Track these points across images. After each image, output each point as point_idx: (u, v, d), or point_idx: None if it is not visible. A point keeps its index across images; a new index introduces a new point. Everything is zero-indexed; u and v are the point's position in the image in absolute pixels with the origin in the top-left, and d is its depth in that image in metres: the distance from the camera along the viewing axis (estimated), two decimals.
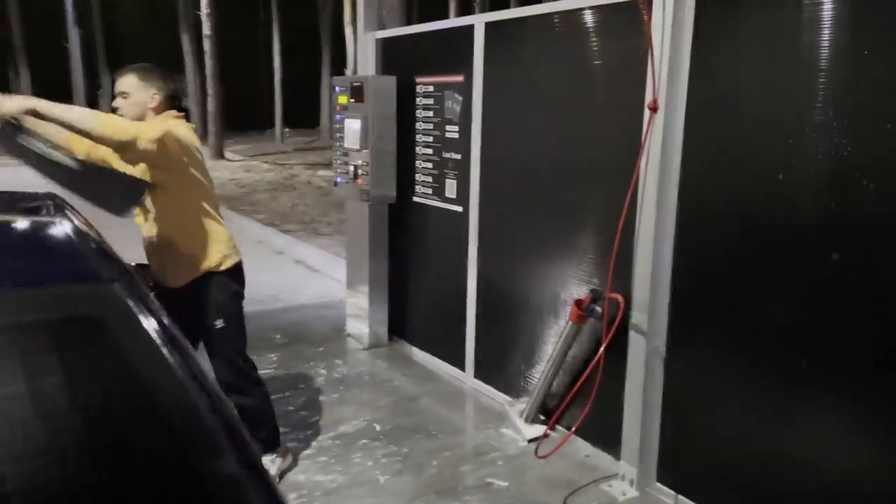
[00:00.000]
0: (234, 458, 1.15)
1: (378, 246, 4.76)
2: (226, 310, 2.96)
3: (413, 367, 4.50)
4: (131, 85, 2.79)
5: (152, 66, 2.91)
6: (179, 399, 1.17)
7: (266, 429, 3.16)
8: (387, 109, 4.49)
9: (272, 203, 11.26)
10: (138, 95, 2.79)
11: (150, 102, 2.81)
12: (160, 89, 2.83)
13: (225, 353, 3.02)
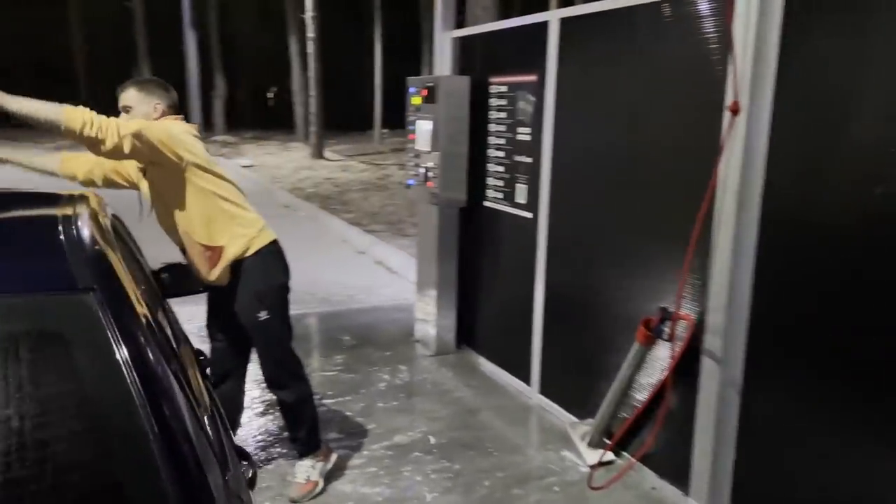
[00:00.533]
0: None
1: (447, 250, 4.63)
2: (268, 300, 2.88)
3: (478, 378, 4.34)
4: (133, 98, 2.75)
5: (152, 78, 2.91)
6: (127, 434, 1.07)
7: (305, 429, 3.08)
8: (459, 110, 4.34)
9: (363, 203, 11.37)
10: (140, 108, 2.75)
11: (154, 114, 2.77)
12: (162, 99, 2.79)
13: (269, 346, 2.95)
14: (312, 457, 3.08)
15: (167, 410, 1.14)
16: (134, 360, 1.15)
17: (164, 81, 2.88)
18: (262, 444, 3.45)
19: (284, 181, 13.77)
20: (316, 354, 4.64)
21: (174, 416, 1.14)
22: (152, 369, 1.18)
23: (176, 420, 1.15)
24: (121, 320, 1.23)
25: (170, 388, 1.18)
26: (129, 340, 1.19)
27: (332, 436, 3.50)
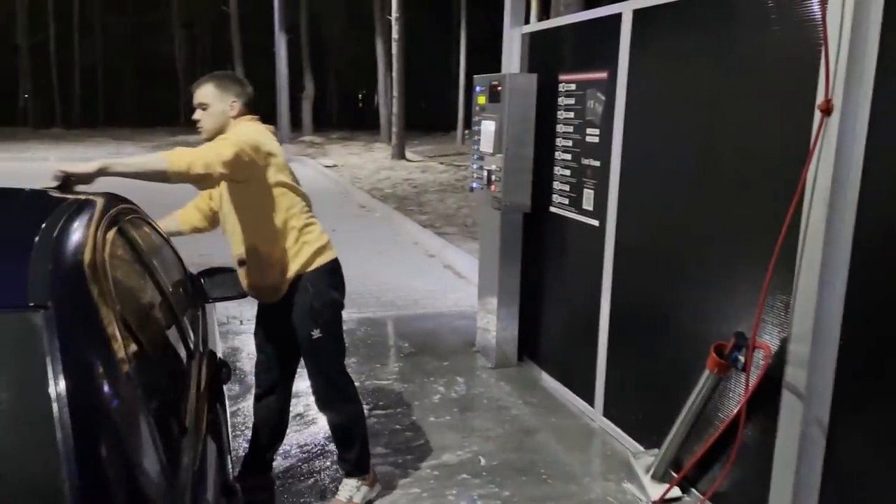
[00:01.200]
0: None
1: (510, 258, 4.40)
2: (322, 318, 2.75)
3: (538, 395, 4.08)
4: (209, 95, 2.67)
5: (227, 73, 2.81)
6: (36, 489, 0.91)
7: (355, 451, 2.93)
8: (525, 110, 4.11)
9: (439, 204, 11.25)
10: (217, 105, 2.66)
11: (230, 111, 2.68)
12: (238, 96, 2.69)
13: (321, 365, 2.83)
14: (359, 478, 2.94)
15: (104, 455, 0.98)
16: (71, 394, 1.00)
17: (239, 76, 2.80)
18: (306, 456, 3.33)
19: (364, 181, 13.84)
20: (372, 361, 4.50)
21: (111, 464, 0.99)
22: (94, 404, 1.02)
23: (114, 467, 0.99)
24: (71, 344, 1.09)
25: (113, 430, 1.03)
26: (74, 368, 1.04)
27: (378, 450, 3.34)
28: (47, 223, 1.45)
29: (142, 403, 1.18)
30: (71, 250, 1.35)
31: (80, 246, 1.39)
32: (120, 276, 1.54)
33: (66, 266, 1.28)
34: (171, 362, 1.66)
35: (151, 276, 1.84)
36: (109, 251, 1.51)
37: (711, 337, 2.83)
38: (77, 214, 1.56)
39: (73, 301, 1.19)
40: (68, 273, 1.26)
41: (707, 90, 2.91)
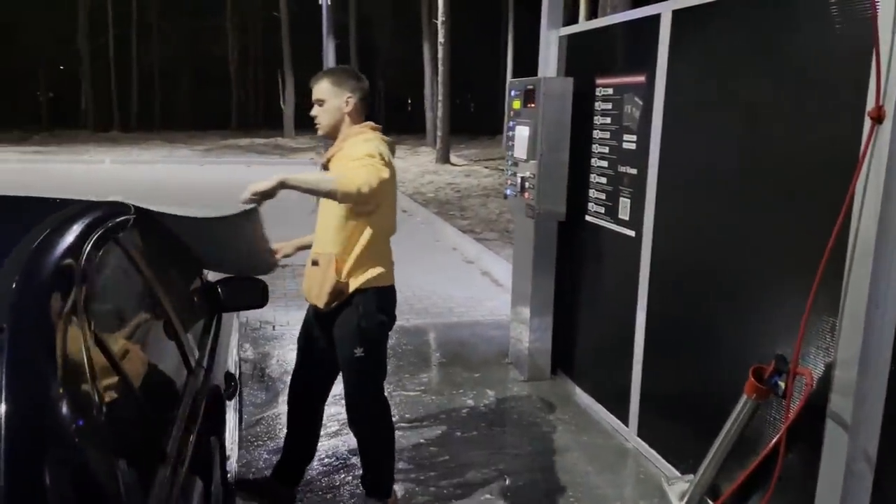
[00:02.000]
0: None
1: (543, 267, 4.26)
2: (368, 336, 2.68)
3: (571, 411, 3.93)
4: (326, 91, 2.66)
5: (344, 67, 2.79)
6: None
7: (380, 474, 2.87)
8: (560, 115, 3.96)
9: (481, 209, 11.14)
10: (333, 101, 2.66)
11: (346, 107, 2.67)
12: (353, 91, 2.67)
13: (358, 385, 2.76)
14: (381, 501, 2.86)
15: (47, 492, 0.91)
16: (11, 424, 0.93)
17: (355, 70, 2.78)
18: (328, 469, 3.25)
19: (407, 185, 13.81)
20: (402, 371, 4.42)
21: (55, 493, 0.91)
22: (39, 435, 0.95)
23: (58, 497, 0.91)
24: (23, 370, 1.02)
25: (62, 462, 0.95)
26: (21, 397, 0.97)
27: (401, 465, 3.24)
28: (28, 237, 1.39)
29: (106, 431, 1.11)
30: (44, 266, 1.29)
31: (56, 262, 1.33)
32: (103, 292, 1.48)
33: (33, 284, 1.22)
34: (158, 383, 1.59)
35: (149, 291, 1.77)
36: (93, 266, 1.44)
37: (751, 358, 2.65)
38: (64, 227, 1.51)
39: (33, 323, 1.13)
40: (34, 292, 1.20)
41: (750, 95, 2.73)
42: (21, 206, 1.89)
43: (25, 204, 1.90)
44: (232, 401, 2.24)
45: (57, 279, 1.30)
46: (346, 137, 2.65)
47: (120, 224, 1.80)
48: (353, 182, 2.32)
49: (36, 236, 1.42)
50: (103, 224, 1.69)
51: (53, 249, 1.37)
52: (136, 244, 1.85)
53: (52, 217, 1.61)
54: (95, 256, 1.49)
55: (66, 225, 1.54)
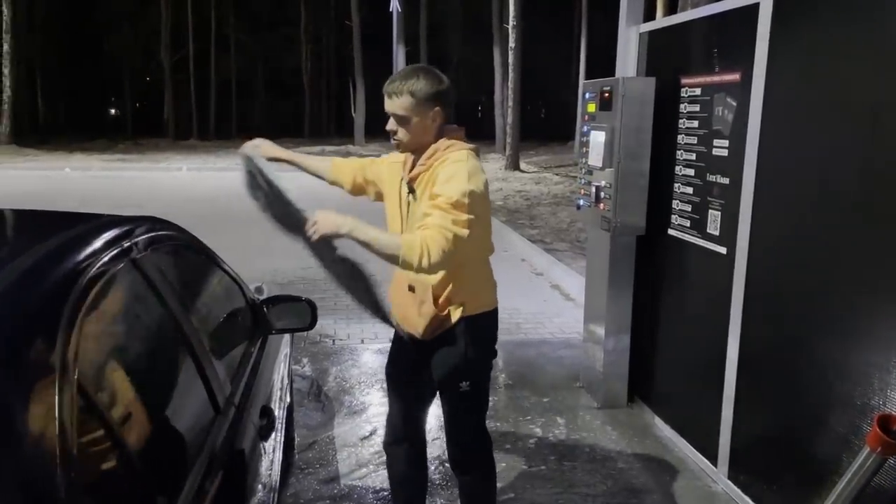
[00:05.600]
0: None
1: (620, 284, 3.89)
2: (475, 366, 2.39)
3: (651, 445, 3.55)
4: (408, 107, 2.18)
5: (425, 70, 2.23)
6: None
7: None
8: (640, 119, 3.61)
9: (551, 218, 10.76)
10: (419, 121, 2.20)
11: (433, 123, 2.23)
12: (440, 101, 2.21)
13: (463, 421, 2.47)
14: None
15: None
16: None
17: (436, 72, 2.26)
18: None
19: None
20: None
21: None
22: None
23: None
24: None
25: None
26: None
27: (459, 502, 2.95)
28: (23, 259, 1.19)
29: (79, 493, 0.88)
30: (29, 296, 1.07)
31: (47, 291, 1.11)
32: (104, 328, 1.26)
33: (10, 316, 1.00)
34: (168, 435, 1.36)
35: (170, 321, 1.55)
36: (94, 296, 1.22)
37: (870, 402, 2.24)
38: (64, 250, 1.29)
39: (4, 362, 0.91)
40: (10, 325, 0.98)
41: (869, 94, 2.33)
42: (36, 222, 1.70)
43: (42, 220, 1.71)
44: (268, 440, 2.01)
45: (37, 320, 1.07)
46: (434, 152, 2.24)
47: (140, 244, 1.59)
48: (418, 254, 2.01)
49: (26, 261, 1.21)
50: (118, 244, 1.47)
51: (51, 275, 1.16)
52: (159, 266, 1.63)
53: (61, 236, 1.41)
54: (98, 284, 1.27)
55: (68, 248, 1.33)
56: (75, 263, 1.26)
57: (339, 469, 3.26)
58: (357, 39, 28.20)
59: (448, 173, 2.14)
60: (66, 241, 1.38)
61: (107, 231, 1.50)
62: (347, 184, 2.59)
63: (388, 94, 2.20)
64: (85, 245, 1.36)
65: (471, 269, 2.31)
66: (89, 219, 1.67)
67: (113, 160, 20.81)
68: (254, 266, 2.72)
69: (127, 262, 1.45)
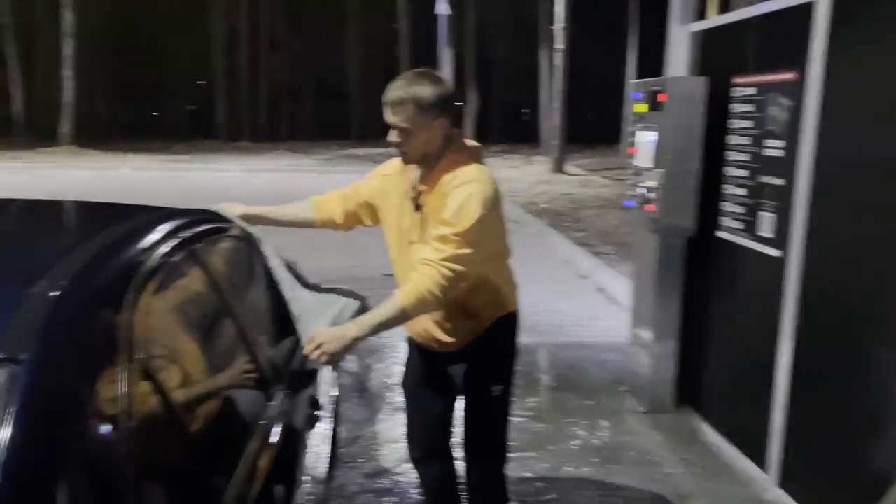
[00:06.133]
0: None
1: (668, 287, 3.84)
2: (505, 370, 2.35)
3: (697, 451, 3.49)
4: (410, 118, 2.06)
5: (425, 77, 2.10)
6: None
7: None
8: (690, 119, 3.56)
9: (597, 221, 10.65)
10: (422, 131, 2.08)
11: (439, 132, 2.12)
12: (441, 108, 2.08)
13: (491, 424, 2.39)
14: None
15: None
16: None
17: (435, 75, 2.14)
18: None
19: (519, 195, 13.51)
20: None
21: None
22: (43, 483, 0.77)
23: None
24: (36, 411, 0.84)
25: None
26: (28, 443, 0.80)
27: None
28: (82, 249, 1.24)
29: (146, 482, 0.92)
30: (90, 288, 1.12)
31: (107, 278, 1.16)
32: (165, 313, 1.30)
33: (71, 310, 1.04)
34: (221, 420, 1.40)
35: (224, 310, 1.59)
36: (156, 282, 1.27)
37: None
38: (130, 236, 1.35)
39: (61, 356, 0.95)
40: (70, 319, 1.02)
41: None
42: (104, 213, 1.77)
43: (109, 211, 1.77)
44: (316, 429, 2.04)
45: (104, 299, 1.12)
46: (439, 161, 2.14)
47: (198, 235, 1.64)
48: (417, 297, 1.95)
49: (92, 247, 1.27)
50: (177, 235, 1.52)
51: (106, 263, 1.21)
52: (214, 257, 1.68)
53: (119, 227, 1.46)
54: (159, 272, 1.31)
55: (132, 234, 1.39)
56: (137, 252, 1.31)
57: (383, 464, 3.29)
58: (404, 42, 28.42)
59: (459, 200, 2.04)
60: (130, 230, 1.44)
61: (167, 222, 1.55)
62: (339, 217, 2.41)
63: (389, 104, 2.07)
64: (146, 235, 1.41)
65: (491, 277, 2.23)
66: (151, 211, 1.73)
67: (167, 161, 21.39)
68: (304, 263, 2.75)
69: (185, 252, 1.49)
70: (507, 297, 2.32)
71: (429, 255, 2.02)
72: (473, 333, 2.26)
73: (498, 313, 2.29)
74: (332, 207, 2.41)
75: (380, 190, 2.35)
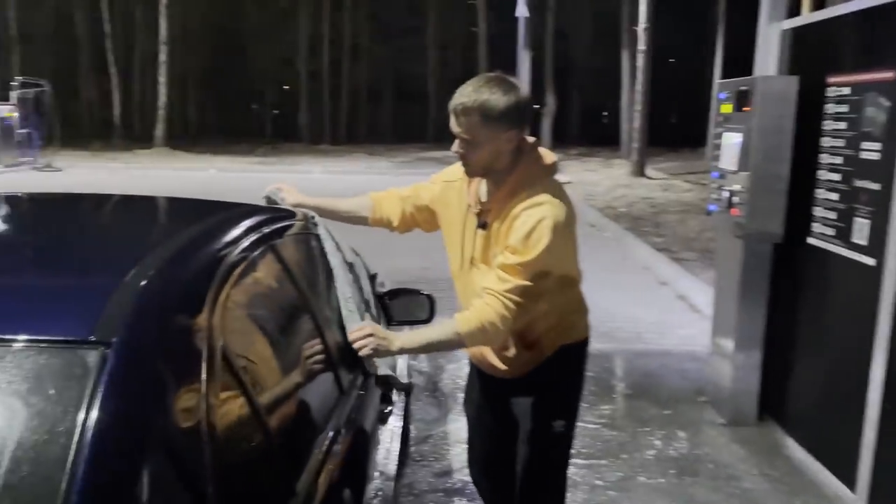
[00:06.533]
0: None
1: (752, 295, 3.69)
2: (569, 403, 2.17)
3: (780, 466, 3.34)
4: (477, 129, 1.86)
5: (500, 80, 1.88)
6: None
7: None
8: (780, 120, 3.41)
9: (678, 226, 10.37)
10: (488, 144, 1.88)
11: (508, 145, 1.90)
12: (515, 118, 1.86)
13: (553, 463, 2.19)
14: None
15: None
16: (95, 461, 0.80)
17: (509, 81, 1.91)
18: None
19: (597, 199, 13.30)
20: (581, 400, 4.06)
21: None
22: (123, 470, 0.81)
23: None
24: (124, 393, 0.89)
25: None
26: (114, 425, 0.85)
27: None
28: (174, 240, 1.30)
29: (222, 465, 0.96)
30: (176, 279, 1.17)
31: (192, 275, 1.21)
32: (246, 304, 1.35)
33: (158, 298, 1.09)
34: (297, 411, 1.44)
35: (302, 304, 1.63)
36: (239, 274, 1.31)
37: None
38: (215, 229, 1.41)
39: (149, 341, 1.00)
40: (158, 307, 1.07)
41: None
42: (192, 208, 1.85)
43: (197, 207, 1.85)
44: (386, 423, 2.07)
45: (189, 290, 1.17)
46: (507, 176, 1.94)
47: (279, 230, 1.69)
48: (478, 324, 1.81)
49: (179, 239, 1.33)
50: (259, 229, 1.58)
51: (193, 256, 1.27)
52: (293, 253, 1.73)
53: (207, 220, 1.53)
54: (243, 263, 1.36)
55: (218, 227, 1.45)
56: (221, 246, 1.36)
57: (452, 464, 3.30)
58: (483, 45, 28.48)
59: (528, 225, 1.84)
60: (215, 225, 1.50)
61: (249, 218, 1.61)
62: (396, 218, 2.24)
63: (454, 111, 1.88)
64: (230, 230, 1.46)
65: (559, 302, 2.04)
66: (235, 207, 1.79)
67: (253, 162, 22.15)
68: (376, 263, 2.79)
69: (266, 246, 1.54)
70: (575, 324, 2.13)
71: (492, 285, 1.85)
72: (533, 363, 2.07)
73: (562, 341, 2.08)
74: (389, 208, 2.24)
75: (441, 198, 2.16)
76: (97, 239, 1.49)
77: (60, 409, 0.87)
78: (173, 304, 1.11)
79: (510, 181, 1.93)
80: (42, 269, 1.23)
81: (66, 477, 0.80)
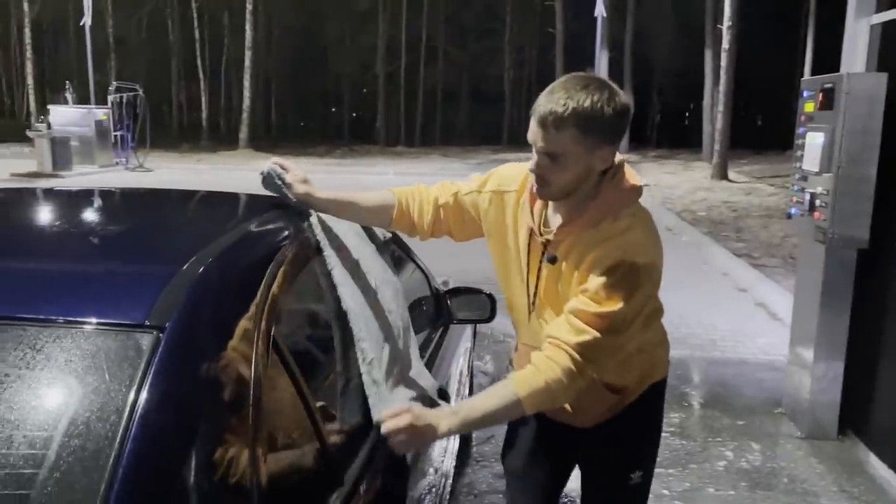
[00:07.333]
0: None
1: (835, 303, 3.50)
2: (648, 451, 1.89)
3: (861, 483, 3.16)
4: (569, 143, 1.47)
5: (601, 84, 1.47)
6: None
7: None
8: (867, 119, 3.24)
9: (761, 231, 9.95)
10: (579, 162, 1.50)
11: (601, 165, 1.53)
12: (615, 126, 1.49)
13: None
14: None
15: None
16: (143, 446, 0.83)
17: (609, 85, 1.50)
18: None
19: (675, 202, 12.93)
20: None
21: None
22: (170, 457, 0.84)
23: None
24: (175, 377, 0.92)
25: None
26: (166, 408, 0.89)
27: None
28: (232, 233, 1.34)
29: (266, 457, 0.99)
30: (231, 270, 1.20)
31: (246, 267, 1.24)
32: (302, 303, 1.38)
33: (215, 286, 1.13)
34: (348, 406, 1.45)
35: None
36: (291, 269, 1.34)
37: None
38: (266, 225, 1.44)
39: (200, 328, 1.03)
40: (210, 296, 1.11)
41: None
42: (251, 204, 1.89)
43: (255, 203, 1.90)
44: None
45: (242, 280, 1.21)
46: (588, 201, 1.56)
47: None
48: (546, 382, 1.48)
49: (236, 233, 1.37)
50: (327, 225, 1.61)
51: (246, 248, 1.31)
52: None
53: (270, 213, 1.57)
54: (294, 259, 1.39)
55: (272, 224, 1.48)
56: (276, 241, 1.40)
57: None
58: (560, 46, 28.19)
59: (608, 266, 1.51)
60: (270, 220, 1.53)
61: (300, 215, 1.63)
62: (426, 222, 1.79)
63: (544, 122, 1.47)
64: (285, 227, 1.49)
65: (646, 339, 1.74)
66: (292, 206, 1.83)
67: (331, 164, 22.67)
68: (442, 264, 2.80)
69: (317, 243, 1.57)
70: (661, 358, 1.86)
71: (561, 335, 1.51)
72: (613, 410, 1.78)
73: (650, 381, 1.81)
74: (418, 209, 1.79)
75: (491, 210, 1.75)
76: (162, 230, 1.56)
77: (114, 389, 0.91)
78: (226, 293, 1.15)
79: (592, 208, 1.56)
80: (108, 258, 1.30)
81: (114, 452, 0.84)
